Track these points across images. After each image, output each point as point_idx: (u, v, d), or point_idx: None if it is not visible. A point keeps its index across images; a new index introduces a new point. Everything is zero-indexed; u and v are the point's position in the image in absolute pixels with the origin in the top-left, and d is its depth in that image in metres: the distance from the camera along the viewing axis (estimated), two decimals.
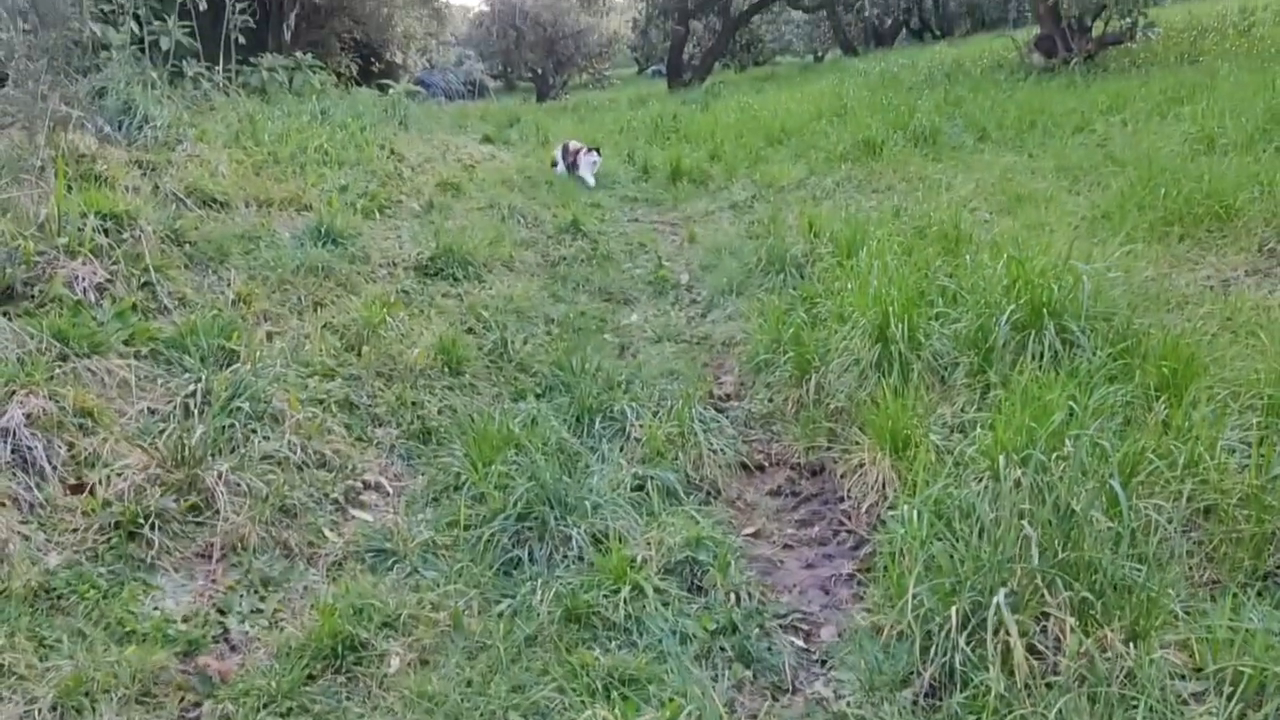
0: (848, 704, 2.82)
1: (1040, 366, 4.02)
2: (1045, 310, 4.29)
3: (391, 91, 12.17)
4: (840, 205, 7.79)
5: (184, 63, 9.17)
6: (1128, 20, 13.51)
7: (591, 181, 10.21)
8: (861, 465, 3.99)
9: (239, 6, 9.73)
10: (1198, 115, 8.36)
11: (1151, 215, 5.99)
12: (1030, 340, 4.20)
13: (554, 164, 10.80)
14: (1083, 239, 5.74)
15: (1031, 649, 2.65)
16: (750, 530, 3.92)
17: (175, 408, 3.87)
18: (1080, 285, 4.37)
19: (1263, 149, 6.85)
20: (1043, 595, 2.73)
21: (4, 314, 4.01)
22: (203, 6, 8.45)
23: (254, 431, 3.89)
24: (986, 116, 10.32)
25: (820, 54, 34.50)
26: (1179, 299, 4.86)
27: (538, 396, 4.87)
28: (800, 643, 3.19)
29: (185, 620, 3.02)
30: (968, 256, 5.25)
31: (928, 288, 4.90)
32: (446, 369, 4.99)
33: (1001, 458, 3.17)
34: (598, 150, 10.48)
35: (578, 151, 10.41)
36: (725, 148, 11.45)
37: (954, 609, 2.74)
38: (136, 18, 7.92)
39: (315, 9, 15.82)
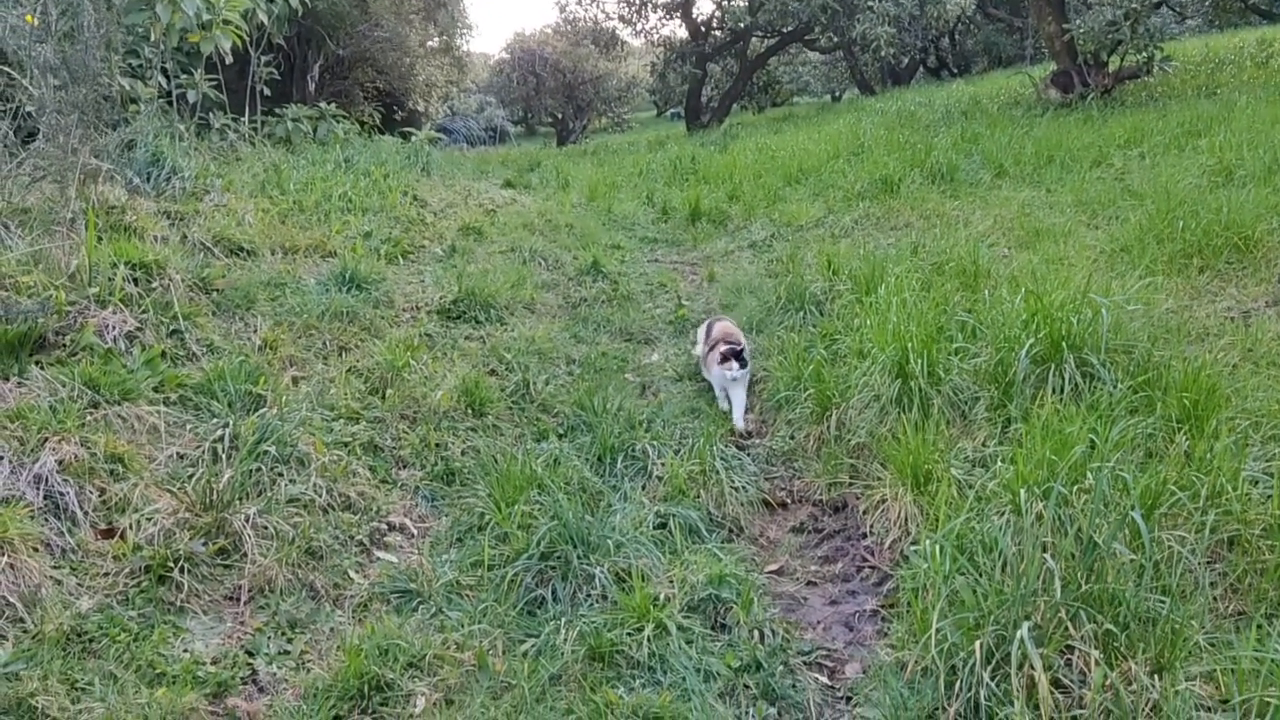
0: None
1: (1061, 400, 4.03)
2: (1065, 344, 4.30)
3: (414, 139, 12.40)
4: (858, 243, 7.81)
5: (211, 115, 9.40)
6: (1144, 55, 13.52)
7: (736, 407, 5.29)
8: (884, 501, 4.00)
9: (264, 60, 9.98)
10: (1215, 148, 8.34)
11: (1170, 248, 5.98)
12: (1050, 374, 4.21)
13: (694, 343, 6.34)
14: (1102, 272, 5.75)
15: (1056, 683, 2.65)
16: (773, 567, 3.92)
17: (204, 452, 3.93)
18: (1099, 318, 4.37)
19: None
20: (1067, 629, 2.73)
21: (37, 363, 4.10)
22: (229, 60, 8.64)
23: (280, 475, 3.94)
24: (1004, 153, 10.32)
25: (838, 94, 34.84)
26: (1199, 331, 4.85)
27: (560, 436, 4.91)
28: (825, 680, 3.18)
29: (214, 662, 3.06)
30: (986, 292, 5.27)
31: (946, 323, 4.91)
32: (470, 411, 5.03)
33: (1023, 491, 3.18)
34: (737, 357, 5.26)
35: (728, 341, 5.50)
36: (744, 188, 11.50)
37: (978, 644, 2.74)
38: (164, 72, 8.13)
39: (339, 60, 16.16)
